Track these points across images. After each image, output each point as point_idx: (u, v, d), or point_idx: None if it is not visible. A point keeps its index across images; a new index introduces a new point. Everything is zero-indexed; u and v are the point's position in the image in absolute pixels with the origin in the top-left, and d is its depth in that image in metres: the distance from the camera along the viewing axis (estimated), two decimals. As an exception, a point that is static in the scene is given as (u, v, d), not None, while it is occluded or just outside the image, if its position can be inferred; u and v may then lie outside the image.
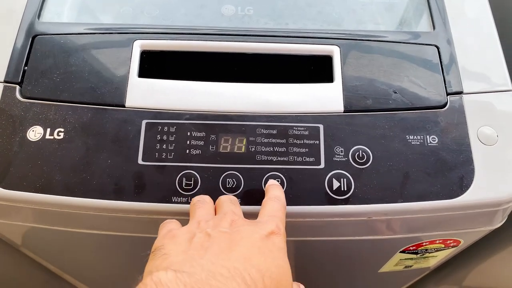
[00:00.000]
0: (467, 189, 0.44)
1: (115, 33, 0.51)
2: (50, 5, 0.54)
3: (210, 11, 0.55)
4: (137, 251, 0.43)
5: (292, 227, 0.44)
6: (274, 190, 0.42)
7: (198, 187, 0.44)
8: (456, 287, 0.80)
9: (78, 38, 0.50)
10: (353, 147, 0.45)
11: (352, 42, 0.50)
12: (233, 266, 0.32)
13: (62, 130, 0.46)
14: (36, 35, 0.50)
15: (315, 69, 0.51)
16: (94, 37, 0.50)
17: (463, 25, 0.53)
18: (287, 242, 0.38)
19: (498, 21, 0.56)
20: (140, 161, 0.44)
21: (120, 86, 0.47)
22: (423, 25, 0.54)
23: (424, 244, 0.53)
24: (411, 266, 0.61)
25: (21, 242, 0.58)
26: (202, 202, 0.41)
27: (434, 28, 0.53)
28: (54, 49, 0.50)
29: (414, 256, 0.57)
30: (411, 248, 0.54)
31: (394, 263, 0.59)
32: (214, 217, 0.39)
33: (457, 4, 0.55)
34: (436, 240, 0.52)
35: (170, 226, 0.39)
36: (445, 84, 0.48)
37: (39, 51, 0.49)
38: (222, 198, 0.41)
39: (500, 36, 0.54)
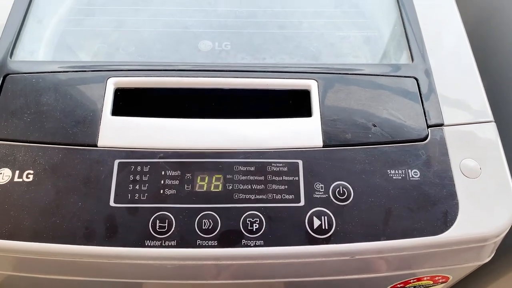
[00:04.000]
0: (451, 225, 0.43)
1: (88, 71, 0.49)
2: (24, 43, 0.53)
3: (187, 47, 0.55)
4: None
5: (272, 268, 0.42)
6: None
7: (173, 229, 0.42)
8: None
9: (51, 76, 0.49)
10: (333, 183, 0.44)
11: (329, 75, 0.50)
12: None
13: (32, 172, 0.44)
14: (7, 74, 0.49)
15: (293, 104, 0.50)
16: (67, 75, 0.49)
17: (441, 56, 0.53)
18: (269, 284, 0.36)
19: (476, 50, 0.56)
20: (112, 203, 0.42)
21: (93, 125, 0.46)
22: (402, 57, 0.54)
23: (411, 281, 0.51)
24: (401, 303, 0.59)
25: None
26: None
27: (412, 60, 0.52)
28: (26, 88, 0.48)
29: (402, 293, 0.55)
30: (398, 286, 0.52)
31: (383, 301, 0.57)
32: None
33: (435, 36, 0.55)
34: (424, 277, 0.50)
35: None
36: (425, 116, 0.48)
37: (9, 91, 0.48)
38: None
39: (479, 67, 0.54)
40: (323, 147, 0.45)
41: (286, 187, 0.43)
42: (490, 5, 0.83)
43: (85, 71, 0.50)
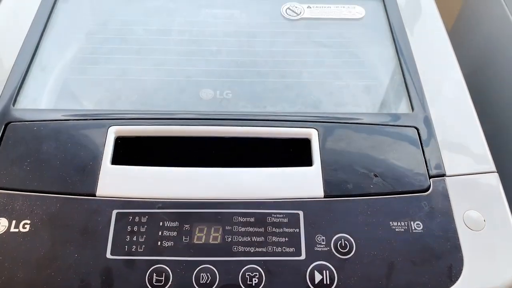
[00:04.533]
0: (457, 279, 0.42)
1: (90, 119, 0.50)
2: (27, 90, 0.54)
3: (188, 95, 0.55)
4: None
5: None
6: None
7: (170, 283, 0.40)
8: None
9: (52, 125, 0.49)
10: (335, 235, 0.43)
11: (330, 124, 0.50)
12: None
13: (28, 222, 0.43)
14: (9, 122, 0.49)
15: (294, 152, 0.50)
16: (69, 124, 0.50)
17: (441, 105, 0.54)
18: None
19: (476, 100, 0.56)
20: (108, 255, 0.41)
21: (92, 174, 0.46)
22: (402, 106, 0.54)
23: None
24: None
25: None
26: None
27: (412, 109, 0.52)
28: (27, 136, 0.48)
29: None
30: None
31: None
32: None
33: (434, 85, 0.56)
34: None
35: None
36: (426, 166, 0.47)
37: (10, 139, 0.48)
38: None
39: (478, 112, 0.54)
40: (324, 197, 0.45)
41: (286, 239, 0.43)
42: (487, 51, 0.85)
43: (86, 119, 0.50)
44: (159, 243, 0.42)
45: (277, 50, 0.61)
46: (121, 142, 0.49)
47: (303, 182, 0.46)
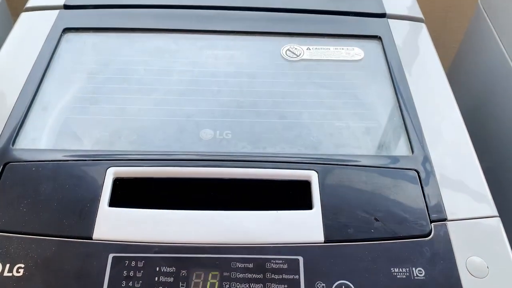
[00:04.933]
0: (461, 330, 0.40)
1: (89, 160, 0.50)
2: (27, 130, 0.54)
3: (188, 135, 0.55)
4: None
5: None
6: None
7: (165, 332, 0.39)
8: None
9: (50, 165, 0.49)
10: (335, 282, 0.42)
11: (330, 167, 0.50)
12: None
13: (23, 266, 0.42)
14: (7, 163, 0.49)
15: (294, 194, 0.49)
16: (67, 165, 0.49)
17: (441, 147, 0.53)
18: None
19: (475, 138, 0.56)
20: (103, 302, 0.40)
21: (89, 217, 0.45)
22: (402, 148, 0.54)
23: None
24: None
25: None
26: None
27: (412, 151, 0.52)
28: (25, 177, 0.48)
29: None
30: None
31: None
32: None
33: (433, 126, 0.56)
34: None
35: None
36: (427, 210, 0.47)
37: (8, 179, 0.48)
38: None
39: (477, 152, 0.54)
40: (324, 242, 0.44)
41: (286, 286, 0.42)
42: (485, 89, 0.86)
43: (85, 160, 0.50)
44: (155, 289, 0.41)
45: (277, 91, 0.61)
46: (119, 183, 0.48)
47: (303, 227, 0.45)
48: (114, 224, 0.45)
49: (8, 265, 0.42)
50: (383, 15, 0.72)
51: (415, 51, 0.68)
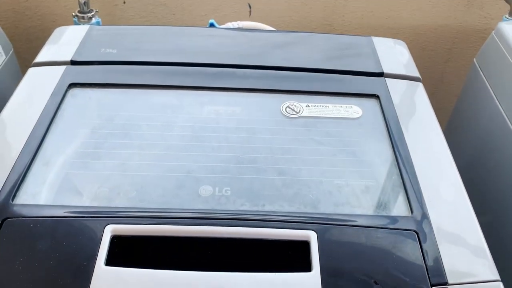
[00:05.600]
0: None
1: (87, 217, 0.50)
2: (28, 185, 0.54)
3: (187, 192, 0.55)
4: None
5: None
6: None
7: None
8: None
9: (49, 222, 0.49)
10: None
11: (329, 227, 0.50)
12: None
13: (14, 328, 0.41)
14: (6, 218, 0.49)
15: (292, 255, 0.49)
16: (65, 222, 0.49)
17: (440, 208, 0.53)
18: None
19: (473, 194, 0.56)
20: None
21: (85, 276, 0.44)
22: (400, 208, 0.54)
23: None
24: None
25: None
26: None
27: (411, 211, 0.52)
28: (23, 233, 0.48)
29: None
30: None
31: None
32: None
33: (433, 187, 0.56)
34: None
35: None
36: (427, 274, 0.46)
37: (6, 236, 0.48)
38: None
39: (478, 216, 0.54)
40: (323, 306, 0.43)
41: None
42: (482, 147, 0.86)
43: (83, 217, 0.50)
44: None
45: (277, 147, 0.62)
46: (117, 241, 0.48)
47: (302, 289, 0.44)
48: (110, 284, 0.44)
49: (-1, 327, 0.41)
50: (380, 74, 0.74)
51: (412, 109, 0.69)
